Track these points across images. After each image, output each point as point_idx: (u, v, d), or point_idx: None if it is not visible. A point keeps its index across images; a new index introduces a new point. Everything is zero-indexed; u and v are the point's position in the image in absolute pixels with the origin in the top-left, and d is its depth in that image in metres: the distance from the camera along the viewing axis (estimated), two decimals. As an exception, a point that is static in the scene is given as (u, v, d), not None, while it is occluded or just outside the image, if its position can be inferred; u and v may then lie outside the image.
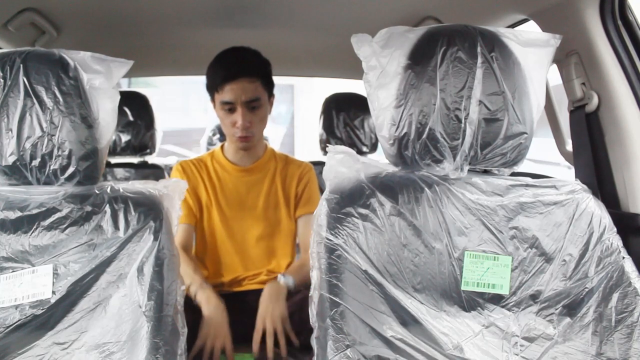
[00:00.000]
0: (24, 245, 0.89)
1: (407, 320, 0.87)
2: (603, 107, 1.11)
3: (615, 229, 0.95)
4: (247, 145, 1.55)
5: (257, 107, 1.50)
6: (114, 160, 2.15)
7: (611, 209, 0.99)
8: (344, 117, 2.32)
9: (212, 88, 1.51)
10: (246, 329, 1.29)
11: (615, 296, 0.91)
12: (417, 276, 0.89)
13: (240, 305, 1.41)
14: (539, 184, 0.96)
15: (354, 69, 1.39)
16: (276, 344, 1.26)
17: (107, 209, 0.91)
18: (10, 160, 0.89)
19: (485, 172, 0.97)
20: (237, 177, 1.60)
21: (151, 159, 2.21)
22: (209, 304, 1.30)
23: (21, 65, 0.88)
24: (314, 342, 0.86)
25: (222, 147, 1.68)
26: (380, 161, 1.02)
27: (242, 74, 1.46)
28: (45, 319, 0.87)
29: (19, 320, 0.87)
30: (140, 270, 0.89)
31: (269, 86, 1.55)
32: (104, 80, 0.93)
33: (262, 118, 1.53)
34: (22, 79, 0.88)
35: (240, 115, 1.47)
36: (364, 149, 2.34)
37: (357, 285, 0.86)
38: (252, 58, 1.53)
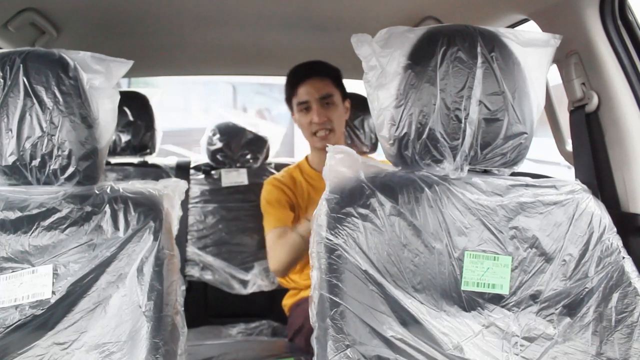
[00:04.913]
0: (23, 246, 0.89)
1: (407, 320, 0.87)
2: (603, 107, 1.11)
3: (615, 229, 0.95)
4: (328, 142, 1.50)
5: (331, 103, 1.60)
6: (114, 160, 2.15)
7: (611, 209, 0.99)
8: (344, 117, 2.31)
9: (289, 95, 1.63)
10: None
11: (615, 296, 0.91)
12: (417, 276, 0.89)
13: None
14: (539, 184, 0.96)
15: (354, 69, 1.38)
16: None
17: (107, 209, 0.91)
18: (10, 160, 0.89)
19: (485, 172, 0.97)
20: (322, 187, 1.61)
21: (151, 159, 2.20)
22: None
23: (21, 65, 0.88)
24: (314, 342, 0.86)
25: (306, 157, 1.77)
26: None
27: (312, 74, 1.60)
28: (45, 319, 0.87)
29: (19, 321, 0.87)
30: (140, 270, 0.89)
31: (341, 87, 1.66)
32: (103, 80, 0.93)
33: (338, 115, 1.62)
34: (22, 79, 0.88)
35: (316, 112, 1.57)
36: (364, 149, 2.34)
37: (357, 285, 0.86)
38: (321, 63, 1.66)
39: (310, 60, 1.68)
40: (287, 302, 1.74)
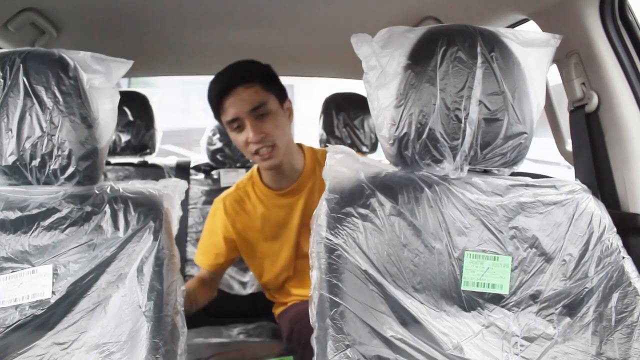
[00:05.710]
0: (23, 246, 0.89)
1: (407, 320, 0.87)
2: (603, 107, 1.11)
3: (615, 229, 0.95)
4: (272, 163, 1.38)
5: (265, 113, 1.34)
6: (114, 160, 2.15)
7: (611, 209, 0.99)
8: (344, 117, 2.32)
9: (216, 112, 1.38)
10: None
11: (615, 296, 0.91)
12: (417, 276, 0.89)
13: None
14: (539, 184, 0.96)
15: (354, 69, 1.38)
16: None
17: (107, 209, 0.91)
18: (10, 160, 0.89)
19: (485, 172, 0.97)
20: (274, 205, 1.48)
21: (151, 159, 2.21)
22: None
23: (21, 65, 0.88)
24: (314, 342, 0.86)
25: (258, 171, 1.54)
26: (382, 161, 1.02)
27: (235, 83, 1.33)
28: (45, 319, 0.87)
29: (18, 321, 0.86)
30: (140, 270, 0.89)
31: (275, 89, 1.40)
32: (103, 80, 0.93)
33: (277, 126, 1.36)
34: (22, 79, 0.88)
35: (250, 129, 1.32)
36: (364, 149, 2.34)
37: (357, 285, 0.86)
38: (244, 65, 1.40)
39: (240, 60, 1.42)
40: (275, 311, 1.73)
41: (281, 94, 1.42)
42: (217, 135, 2.24)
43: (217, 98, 1.35)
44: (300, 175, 1.47)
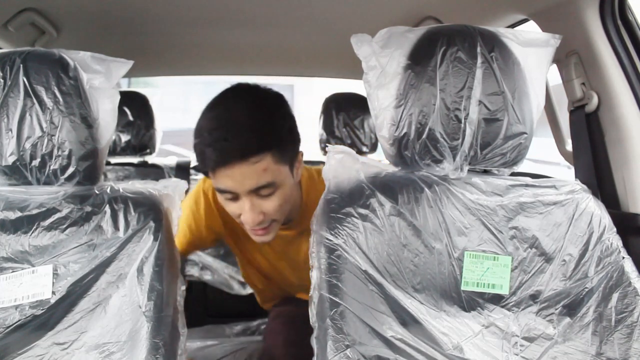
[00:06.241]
0: (23, 246, 0.89)
1: (407, 320, 0.87)
2: (603, 107, 1.11)
3: (615, 229, 0.95)
4: (265, 240, 1.13)
5: (270, 194, 1.04)
6: (114, 160, 2.15)
7: (611, 209, 0.99)
8: (344, 117, 2.32)
9: (202, 166, 1.05)
10: None
11: (615, 296, 0.91)
12: (417, 276, 0.89)
13: None
14: (539, 184, 0.96)
15: (354, 69, 1.38)
16: None
17: (107, 209, 0.91)
18: (10, 160, 0.89)
19: (485, 172, 0.97)
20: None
21: (151, 159, 2.21)
22: None
23: (21, 65, 0.88)
24: (314, 342, 0.86)
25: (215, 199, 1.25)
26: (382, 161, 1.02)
27: (238, 155, 0.98)
28: (45, 319, 0.87)
29: (19, 321, 0.86)
30: (140, 270, 0.89)
31: (290, 153, 1.06)
32: (104, 80, 0.93)
33: (282, 201, 1.07)
34: (22, 79, 0.88)
35: (248, 209, 1.03)
36: (364, 149, 2.34)
37: (357, 285, 0.86)
38: (253, 124, 1.00)
39: (242, 92, 1.06)
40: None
41: (295, 154, 1.08)
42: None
43: (211, 163, 1.00)
44: (294, 218, 1.23)
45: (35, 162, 0.89)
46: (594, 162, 1.13)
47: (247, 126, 0.99)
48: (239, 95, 1.06)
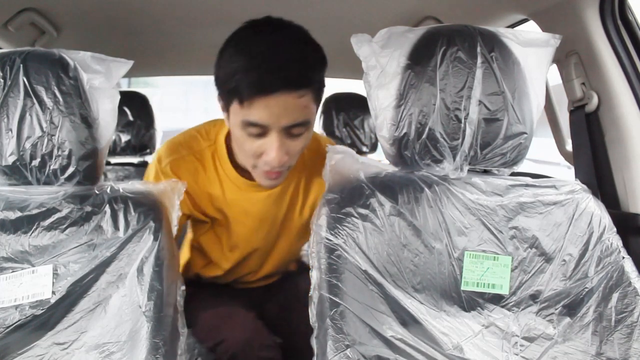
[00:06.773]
0: (23, 246, 0.89)
1: (407, 320, 0.87)
2: (603, 107, 1.12)
3: (615, 229, 0.95)
4: (274, 184, 1.07)
5: (300, 134, 0.98)
6: (114, 160, 2.15)
7: (611, 209, 0.99)
8: (344, 117, 2.32)
9: (231, 93, 0.94)
10: None
11: (615, 296, 0.91)
12: (417, 276, 0.89)
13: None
14: (539, 184, 0.96)
15: (354, 69, 1.38)
16: None
17: (107, 209, 0.91)
18: (10, 160, 0.89)
19: (485, 172, 0.97)
20: (247, 199, 1.15)
21: (151, 159, 2.21)
22: None
23: (21, 65, 0.88)
24: (314, 342, 0.86)
25: (226, 141, 1.14)
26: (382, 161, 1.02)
27: (285, 84, 0.91)
28: (45, 319, 0.87)
29: (19, 321, 0.87)
30: (140, 270, 0.89)
31: (320, 93, 1.02)
32: (104, 80, 0.93)
33: (305, 145, 1.02)
34: (22, 79, 0.88)
35: (275, 149, 0.95)
36: (364, 149, 2.34)
37: (357, 285, 0.86)
38: (306, 54, 0.95)
39: (297, 33, 1.00)
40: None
41: (320, 96, 1.03)
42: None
43: (249, 88, 0.90)
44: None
45: (35, 162, 0.89)
46: (594, 162, 1.13)
47: (298, 56, 0.94)
48: (282, 24, 1.01)
